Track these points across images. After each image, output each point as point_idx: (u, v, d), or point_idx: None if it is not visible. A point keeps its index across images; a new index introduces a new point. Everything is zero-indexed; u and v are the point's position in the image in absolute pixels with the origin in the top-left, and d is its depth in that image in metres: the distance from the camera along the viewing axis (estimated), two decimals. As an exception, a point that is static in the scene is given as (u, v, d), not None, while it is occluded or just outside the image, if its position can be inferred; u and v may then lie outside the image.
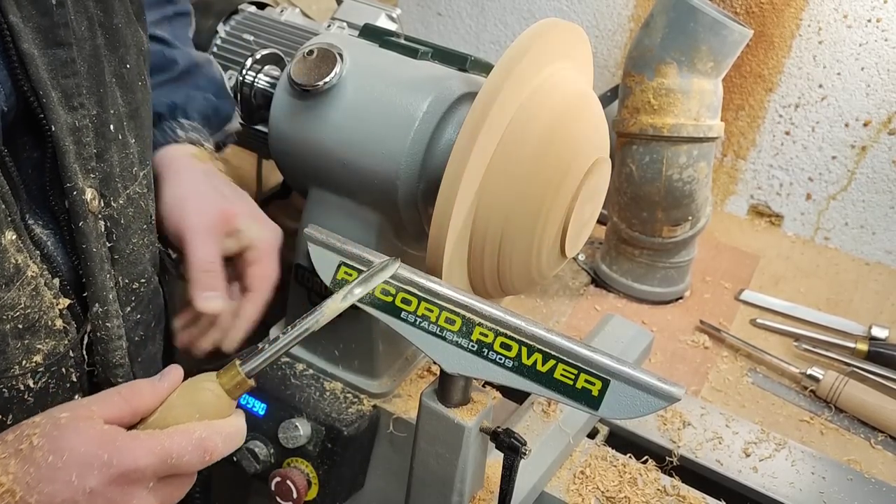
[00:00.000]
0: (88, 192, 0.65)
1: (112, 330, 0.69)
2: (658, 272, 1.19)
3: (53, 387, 0.65)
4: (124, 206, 0.70)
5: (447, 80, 0.83)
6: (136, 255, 0.72)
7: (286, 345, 0.64)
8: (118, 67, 0.69)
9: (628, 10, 1.39)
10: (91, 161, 0.65)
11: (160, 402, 0.60)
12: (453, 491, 0.75)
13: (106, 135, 0.67)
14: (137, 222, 0.72)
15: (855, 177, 1.32)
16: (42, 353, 0.62)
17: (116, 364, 0.70)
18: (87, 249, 0.65)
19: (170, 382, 0.61)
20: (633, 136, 1.09)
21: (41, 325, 0.62)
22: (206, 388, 0.61)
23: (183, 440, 0.57)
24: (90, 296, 0.67)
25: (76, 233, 0.65)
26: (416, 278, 0.71)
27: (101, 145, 0.66)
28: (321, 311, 0.66)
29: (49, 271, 0.63)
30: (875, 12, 1.20)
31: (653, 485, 0.85)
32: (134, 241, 0.72)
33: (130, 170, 0.71)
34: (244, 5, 1.05)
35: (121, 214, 0.69)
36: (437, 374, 0.79)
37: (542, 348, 0.65)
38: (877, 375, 1.05)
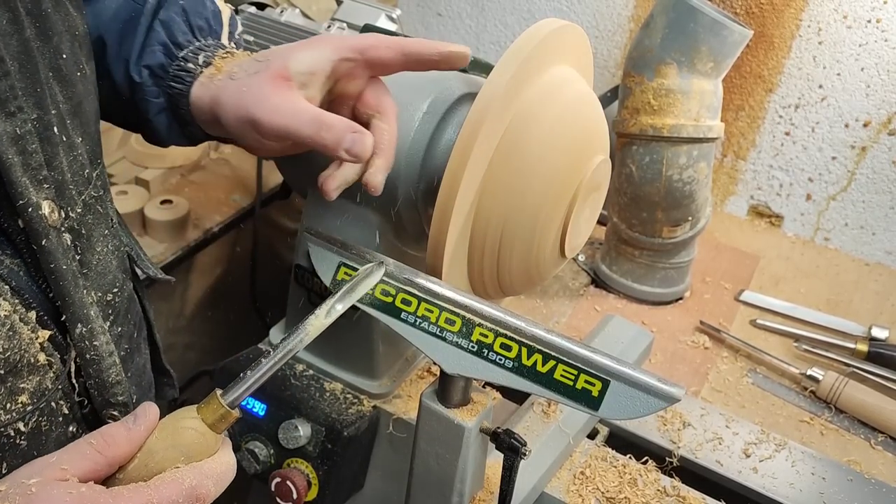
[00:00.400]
0: (45, 206, 0.57)
1: (101, 348, 0.64)
2: (658, 273, 1.19)
3: (45, 424, 0.60)
4: (82, 215, 0.63)
5: (447, 80, 0.83)
6: (104, 265, 0.66)
7: (269, 369, 0.60)
8: (53, 60, 0.60)
9: (628, 11, 1.39)
10: (41, 170, 0.58)
11: (138, 447, 0.55)
12: (453, 491, 0.75)
13: (51, 139, 0.59)
14: (98, 229, 0.66)
15: (855, 177, 1.32)
16: (27, 392, 0.57)
17: (113, 382, 0.66)
18: (56, 268, 0.59)
19: (146, 424, 0.55)
20: (633, 136, 1.09)
21: (23, 365, 0.56)
22: (187, 426, 0.56)
23: (172, 491, 0.52)
24: (70, 318, 0.61)
25: (41, 253, 0.58)
26: (416, 278, 0.71)
27: (48, 151, 0.59)
28: (304, 330, 0.63)
29: (22, 305, 0.57)
30: (875, 13, 1.20)
31: (653, 485, 0.85)
32: (99, 251, 0.65)
33: (82, 173, 0.63)
34: (244, 6, 1.05)
35: (81, 224, 0.63)
36: (437, 374, 0.79)
37: (542, 349, 0.65)
38: (877, 376, 1.05)
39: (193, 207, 1.38)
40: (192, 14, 0.75)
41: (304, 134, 0.65)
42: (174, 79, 0.73)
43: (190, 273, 1.39)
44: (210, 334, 1.47)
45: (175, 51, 0.73)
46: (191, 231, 1.35)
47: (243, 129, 0.68)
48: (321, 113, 0.66)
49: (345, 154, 0.65)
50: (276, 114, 0.65)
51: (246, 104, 0.66)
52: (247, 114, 0.66)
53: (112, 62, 0.75)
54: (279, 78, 0.66)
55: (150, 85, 0.74)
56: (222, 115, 0.69)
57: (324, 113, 0.66)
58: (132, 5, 0.74)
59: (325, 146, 0.65)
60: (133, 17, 0.74)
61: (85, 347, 0.62)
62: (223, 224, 1.38)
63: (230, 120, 0.68)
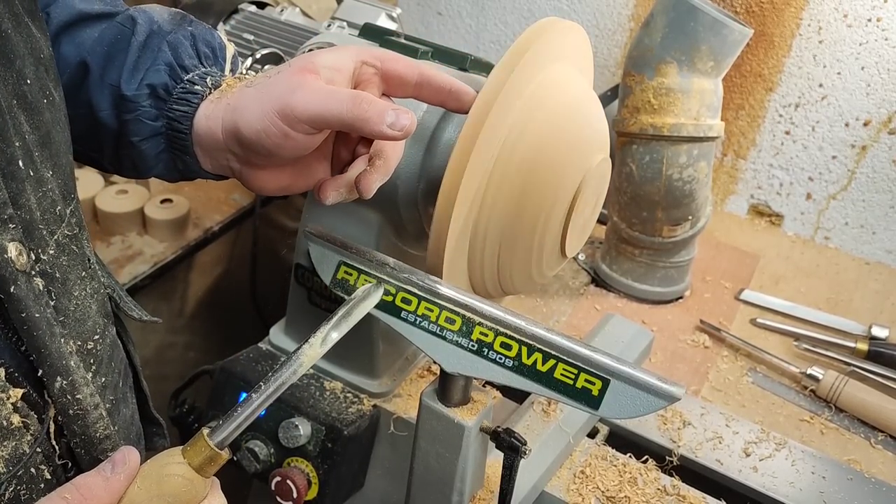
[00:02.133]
0: (11, 248, 0.51)
1: (85, 401, 0.58)
2: (658, 272, 1.19)
3: (25, 493, 0.54)
4: (55, 256, 0.57)
5: (447, 80, 0.83)
6: (82, 311, 0.60)
7: (260, 405, 0.57)
8: (17, 86, 0.54)
9: (628, 10, 1.39)
10: (5, 209, 0.51)
11: (117, 498, 0.51)
12: (453, 491, 0.75)
13: (16, 174, 0.53)
14: (75, 271, 0.60)
15: (855, 176, 1.32)
16: (2, 459, 0.51)
17: (101, 438, 0.60)
18: (28, 317, 0.53)
19: (126, 472, 0.51)
20: (633, 135, 1.09)
21: None
22: (172, 473, 0.51)
23: None
24: (47, 371, 0.55)
25: (9, 301, 0.52)
26: (416, 278, 0.71)
27: (12, 188, 0.52)
28: (297, 360, 0.60)
29: None
30: (875, 12, 1.20)
31: (653, 484, 0.85)
32: (76, 295, 0.59)
33: (53, 210, 0.57)
34: (244, 5, 1.05)
35: (54, 267, 0.57)
36: (437, 373, 0.79)
37: (542, 348, 0.65)
38: (877, 375, 1.05)
39: (193, 206, 1.38)
40: (200, 41, 0.73)
41: (344, 111, 0.61)
42: (178, 100, 0.69)
43: (190, 272, 1.39)
44: (210, 334, 1.47)
45: (181, 73, 0.70)
46: (191, 230, 1.35)
47: (269, 127, 0.63)
48: (358, 91, 0.63)
49: (387, 129, 0.62)
50: (312, 97, 0.61)
51: (277, 95, 0.62)
52: (279, 104, 0.62)
53: (94, 86, 0.70)
54: (306, 71, 0.63)
55: (148, 105, 0.69)
56: (243, 118, 0.64)
57: (360, 91, 0.63)
58: (118, 28, 0.71)
59: (367, 119, 0.61)
60: (119, 39, 0.70)
61: (67, 403, 0.57)
62: (223, 223, 1.38)
63: (254, 119, 0.63)
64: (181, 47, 0.71)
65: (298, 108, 0.61)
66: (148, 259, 1.28)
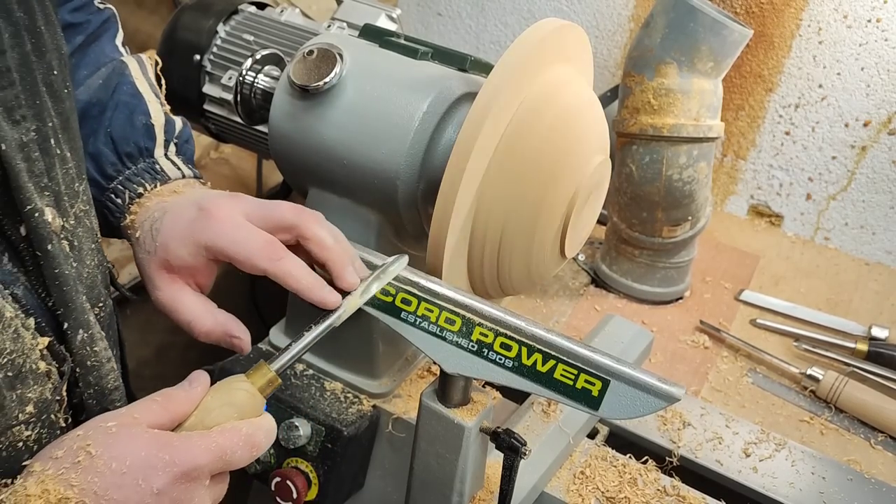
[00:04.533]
0: (48, 212, 0.60)
1: (101, 353, 0.65)
2: (658, 272, 1.19)
3: (46, 436, 0.61)
4: (75, 226, 0.65)
5: (447, 80, 0.83)
6: (92, 279, 0.67)
7: (311, 341, 0.66)
8: (46, 75, 0.62)
9: (628, 10, 1.39)
10: (42, 178, 0.60)
11: (194, 406, 0.60)
12: (453, 491, 0.75)
13: (49, 150, 0.61)
14: (87, 242, 0.67)
15: (855, 177, 1.32)
16: (32, 402, 0.58)
17: (112, 388, 0.67)
18: (59, 274, 0.60)
19: (202, 387, 0.61)
20: (633, 136, 1.09)
21: (27, 371, 0.58)
22: (240, 388, 0.62)
23: (234, 437, 0.58)
24: (72, 325, 0.62)
25: (45, 258, 0.59)
26: (416, 278, 0.71)
27: (46, 161, 0.61)
28: (343, 306, 0.68)
29: (21, 311, 0.58)
30: (875, 12, 1.20)
31: (653, 485, 0.85)
32: (87, 263, 0.67)
33: (73, 186, 0.65)
34: (244, 5, 1.05)
35: (74, 236, 0.64)
36: (437, 374, 0.79)
37: (542, 348, 0.65)
38: (877, 375, 1.05)
39: (193, 207, 1.37)
40: (120, 142, 0.78)
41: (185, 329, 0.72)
42: (105, 207, 0.78)
43: (190, 273, 1.38)
44: (210, 334, 1.47)
45: (105, 183, 0.78)
46: (191, 231, 1.35)
47: None
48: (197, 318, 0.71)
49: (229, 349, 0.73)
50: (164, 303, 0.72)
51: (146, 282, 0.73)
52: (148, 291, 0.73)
53: None
54: (164, 270, 0.71)
55: None
56: None
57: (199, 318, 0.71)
58: None
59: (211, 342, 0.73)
60: None
61: (86, 354, 0.64)
62: (223, 224, 1.38)
63: None
64: (102, 157, 0.78)
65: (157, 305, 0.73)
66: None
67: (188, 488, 0.56)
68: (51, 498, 0.52)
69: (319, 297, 0.68)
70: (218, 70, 1.00)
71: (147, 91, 0.82)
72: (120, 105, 0.80)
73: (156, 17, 1.53)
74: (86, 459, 0.53)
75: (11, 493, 0.53)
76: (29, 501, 0.52)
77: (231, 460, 0.58)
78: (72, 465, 0.53)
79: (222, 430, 0.58)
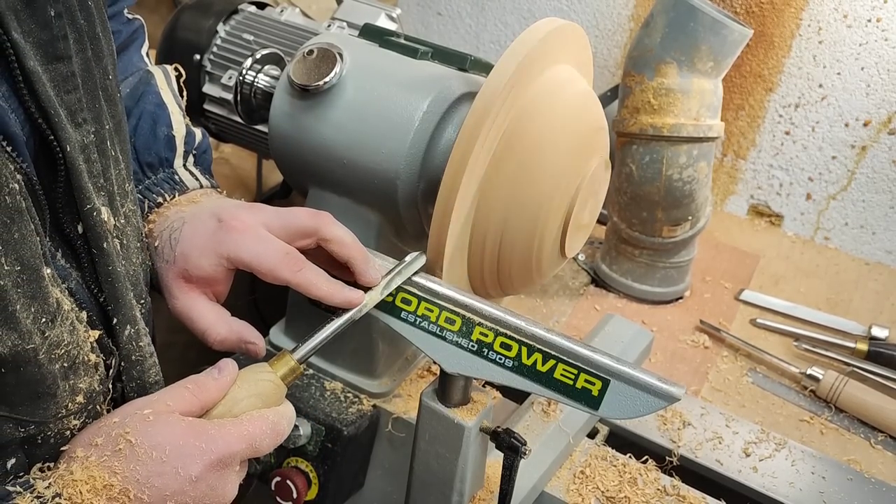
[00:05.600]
0: (104, 211, 0.62)
1: (145, 349, 0.68)
2: (658, 272, 1.19)
3: None
4: (125, 225, 0.67)
5: (447, 80, 0.83)
6: (136, 276, 0.69)
7: (333, 332, 0.68)
8: (103, 80, 0.64)
9: (628, 10, 1.39)
10: (99, 179, 0.62)
11: (223, 394, 0.62)
12: (453, 491, 0.75)
13: (105, 151, 0.64)
14: (134, 241, 0.69)
15: (855, 177, 1.32)
16: (83, 392, 0.61)
17: (153, 383, 0.70)
18: (112, 271, 0.63)
19: (230, 376, 0.63)
20: (633, 135, 1.09)
21: (80, 362, 0.60)
22: (265, 378, 0.64)
23: (262, 425, 0.61)
24: (120, 320, 0.65)
25: (100, 256, 0.62)
26: (416, 278, 0.71)
27: (103, 163, 0.63)
28: (365, 300, 0.69)
29: (76, 304, 0.61)
30: (875, 12, 1.20)
31: (653, 485, 0.85)
32: (134, 261, 0.69)
33: (124, 186, 0.67)
34: (244, 5, 1.05)
35: (123, 234, 0.67)
36: (437, 374, 0.79)
37: (542, 348, 0.65)
38: (877, 375, 1.05)
39: (193, 207, 1.37)
40: (143, 152, 0.80)
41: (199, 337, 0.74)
42: None
43: (190, 272, 1.38)
44: (210, 334, 1.47)
45: None
46: (191, 230, 1.35)
47: None
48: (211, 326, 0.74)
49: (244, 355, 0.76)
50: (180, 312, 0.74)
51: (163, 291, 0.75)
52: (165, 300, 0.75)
53: None
54: (181, 279, 0.73)
55: None
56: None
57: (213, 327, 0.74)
58: None
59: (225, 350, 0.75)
60: None
61: (132, 349, 0.66)
62: (223, 223, 1.38)
63: None
64: None
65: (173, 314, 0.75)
66: (148, 259, 1.28)
67: (222, 475, 0.59)
68: (97, 484, 0.55)
69: (343, 298, 0.69)
70: (218, 70, 1.00)
71: (171, 102, 0.84)
72: (144, 115, 0.82)
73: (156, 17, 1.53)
74: (126, 447, 0.56)
75: (58, 477, 0.55)
76: (76, 486, 0.54)
77: (259, 447, 0.61)
78: (113, 453, 0.56)
79: (251, 418, 0.61)
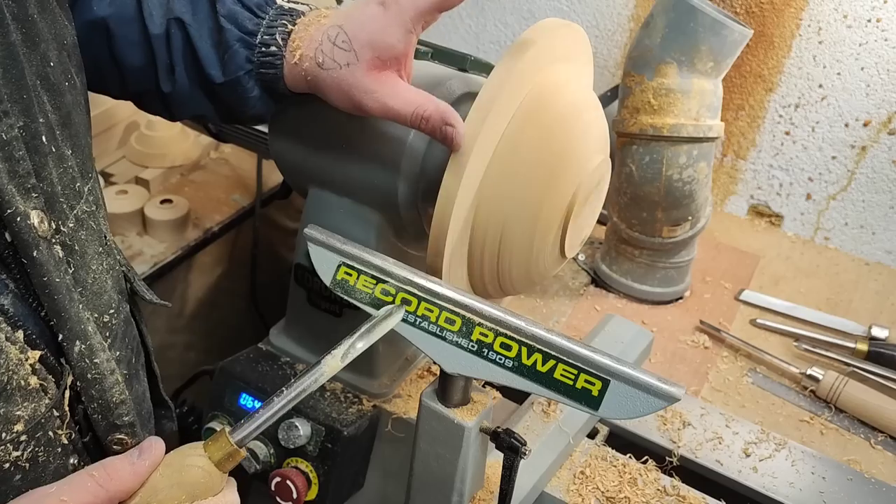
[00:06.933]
0: (34, 215, 0.55)
1: (102, 365, 0.61)
2: (658, 272, 1.19)
3: (43, 455, 0.57)
4: (75, 230, 0.60)
5: (447, 80, 0.83)
6: (99, 284, 0.63)
7: (280, 409, 0.59)
8: (41, 67, 0.58)
9: (628, 10, 1.39)
10: (29, 179, 0.55)
11: (141, 483, 0.54)
12: (453, 491, 0.75)
13: (39, 148, 0.56)
14: (92, 246, 0.63)
15: (855, 177, 1.32)
16: (22, 420, 0.54)
17: (117, 402, 0.63)
18: (49, 282, 0.56)
19: (151, 460, 0.54)
20: (632, 136, 1.09)
21: (14, 388, 0.53)
22: (193, 465, 0.55)
23: None
24: (67, 336, 0.58)
25: (31, 266, 0.55)
26: (416, 278, 0.71)
27: (36, 161, 0.56)
28: (319, 370, 0.61)
29: (8, 323, 0.54)
30: (875, 12, 1.20)
31: (653, 485, 0.85)
32: (94, 269, 0.62)
33: (73, 186, 0.61)
34: (244, 5, 1.05)
35: (74, 239, 0.60)
36: (437, 374, 0.79)
37: (542, 348, 0.65)
38: (877, 375, 1.05)
39: (193, 207, 1.38)
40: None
41: (405, 121, 0.72)
42: (263, 66, 0.76)
43: (190, 273, 1.39)
44: (210, 334, 1.47)
45: (251, 39, 0.76)
46: (191, 230, 1.35)
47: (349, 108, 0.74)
48: (421, 104, 0.71)
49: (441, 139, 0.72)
50: (382, 103, 0.72)
51: (352, 95, 0.72)
52: (356, 103, 0.73)
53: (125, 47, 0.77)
54: (375, 70, 0.71)
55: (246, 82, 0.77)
56: (327, 97, 0.75)
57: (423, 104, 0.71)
58: None
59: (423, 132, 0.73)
60: None
61: (85, 367, 0.60)
62: (223, 223, 1.38)
63: (336, 103, 0.75)
64: (238, 15, 0.76)
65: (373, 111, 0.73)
66: (148, 259, 1.28)
67: None
68: None
69: None
70: (218, 70, 1.00)
71: None
72: None
73: (156, 17, 1.53)
74: None
75: None
76: None
77: None
78: None
79: None
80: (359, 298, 0.72)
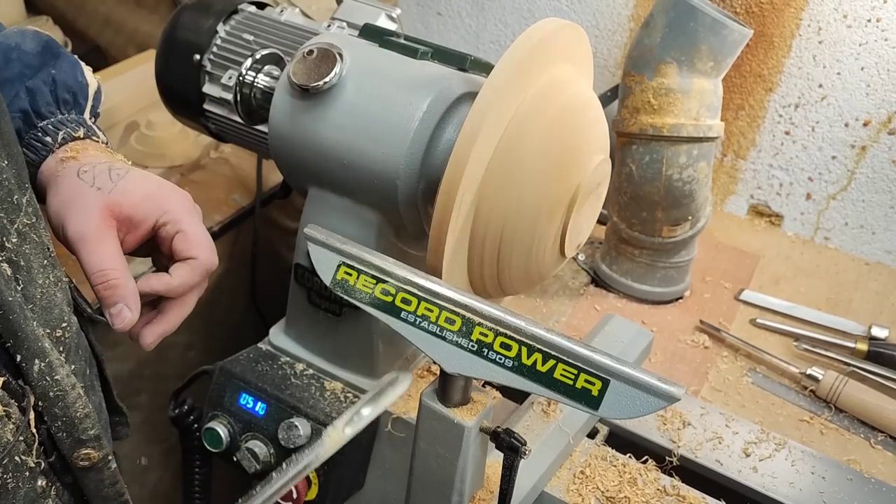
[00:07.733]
0: None
1: (63, 381, 0.59)
2: (658, 272, 1.19)
3: (12, 482, 0.55)
4: (18, 245, 0.58)
5: (447, 80, 0.83)
6: (48, 299, 0.61)
7: (283, 486, 0.56)
8: None
9: (628, 10, 1.39)
10: None
11: None
12: (453, 491, 0.75)
13: None
14: (37, 259, 0.61)
15: (855, 177, 1.32)
16: None
17: (82, 416, 0.61)
18: (2, 302, 0.54)
19: None
20: (632, 135, 1.09)
21: None
22: None
23: None
24: (26, 355, 0.56)
25: None
26: (416, 278, 0.71)
27: None
28: (321, 444, 0.58)
29: None
30: (875, 12, 1.20)
31: (653, 485, 0.85)
32: (41, 283, 0.60)
33: (10, 199, 0.58)
34: (244, 5, 1.05)
35: (18, 255, 0.58)
36: (437, 374, 0.79)
37: (542, 348, 0.65)
38: (877, 375, 1.05)
39: (193, 207, 1.37)
40: (61, 86, 0.75)
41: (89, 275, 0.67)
42: (27, 145, 0.72)
43: (190, 272, 1.38)
44: (210, 334, 1.47)
45: (35, 120, 0.73)
46: (191, 230, 1.35)
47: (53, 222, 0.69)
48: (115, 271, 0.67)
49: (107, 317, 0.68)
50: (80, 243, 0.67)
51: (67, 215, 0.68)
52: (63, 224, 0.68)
53: None
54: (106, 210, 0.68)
55: None
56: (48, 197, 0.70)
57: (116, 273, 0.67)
58: None
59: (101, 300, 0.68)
60: None
61: (47, 385, 0.58)
62: (223, 223, 1.38)
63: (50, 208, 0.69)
64: (39, 94, 0.73)
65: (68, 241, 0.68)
66: (148, 260, 1.28)
67: None
68: None
69: None
70: (218, 70, 1.00)
71: None
72: (67, 56, 0.77)
73: (156, 17, 1.53)
74: None
75: None
76: None
77: None
78: None
79: None
80: (359, 298, 0.72)
